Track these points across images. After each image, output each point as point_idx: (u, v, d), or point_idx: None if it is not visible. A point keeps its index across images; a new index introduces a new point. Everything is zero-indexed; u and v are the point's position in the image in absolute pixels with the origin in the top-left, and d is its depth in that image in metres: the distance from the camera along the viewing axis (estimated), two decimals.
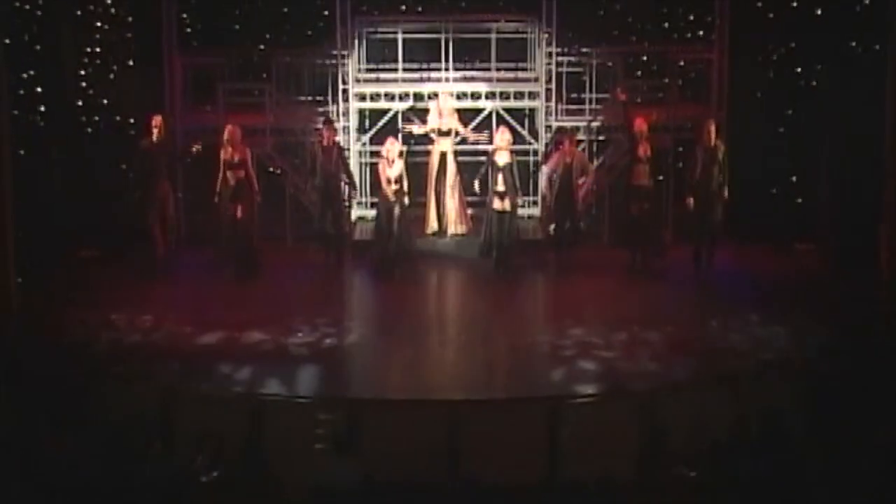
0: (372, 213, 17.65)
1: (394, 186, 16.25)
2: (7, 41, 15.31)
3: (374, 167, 17.46)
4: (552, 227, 16.87)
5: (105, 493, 10.10)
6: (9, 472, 10.25)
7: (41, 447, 10.98)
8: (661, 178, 17.20)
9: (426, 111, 17.73)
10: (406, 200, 16.47)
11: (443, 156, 17.34)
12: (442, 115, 17.35)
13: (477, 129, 17.61)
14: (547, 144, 17.91)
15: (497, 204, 16.38)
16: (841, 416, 12.46)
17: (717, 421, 12.00)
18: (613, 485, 10.59)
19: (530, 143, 18.21)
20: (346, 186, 17.03)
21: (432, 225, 17.56)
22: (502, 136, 16.53)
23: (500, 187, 16.33)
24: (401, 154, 16.47)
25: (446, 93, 17.58)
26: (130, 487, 10.30)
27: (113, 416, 11.88)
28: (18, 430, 11.11)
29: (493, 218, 16.48)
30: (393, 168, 16.29)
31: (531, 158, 18.28)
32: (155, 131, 15.94)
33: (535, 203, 18.38)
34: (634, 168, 16.18)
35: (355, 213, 18.35)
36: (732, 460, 11.00)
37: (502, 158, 16.35)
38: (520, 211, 17.02)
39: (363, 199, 18.59)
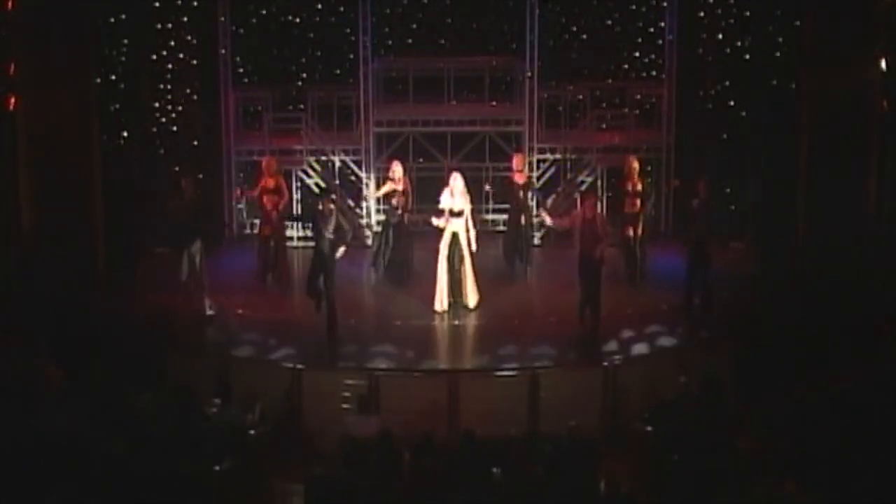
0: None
1: (393, 201, 15.72)
2: (98, 80, 15.47)
3: (387, 181, 17.13)
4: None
5: (174, 442, 10.18)
6: (98, 422, 10.36)
7: (123, 403, 11.09)
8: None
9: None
10: (399, 213, 15.64)
11: (454, 236, 14.64)
12: (454, 194, 14.70)
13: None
14: (530, 163, 17.86)
15: (515, 218, 16.13)
16: (762, 379, 12.58)
17: (665, 384, 12.10)
18: (582, 436, 10.69)
19: None
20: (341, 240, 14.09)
21: (442, 302, 14.59)
22: (520, 161, 16.12)
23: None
24: (404, 171, 15.84)
25: (458, 174, 15.09)
26: (195, 437, 10.39)
27: (180, 378, 11.98)
28: (106, 390, 11.22)
29: (513, 230, 16.22)
30: (394, 184, 15.68)
31: None
32: (184, 192, 14.46)
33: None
34: (625, 199, 15.87)
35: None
36: (678, 415, 11.09)
37: (520, 180, 16.02)
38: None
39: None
